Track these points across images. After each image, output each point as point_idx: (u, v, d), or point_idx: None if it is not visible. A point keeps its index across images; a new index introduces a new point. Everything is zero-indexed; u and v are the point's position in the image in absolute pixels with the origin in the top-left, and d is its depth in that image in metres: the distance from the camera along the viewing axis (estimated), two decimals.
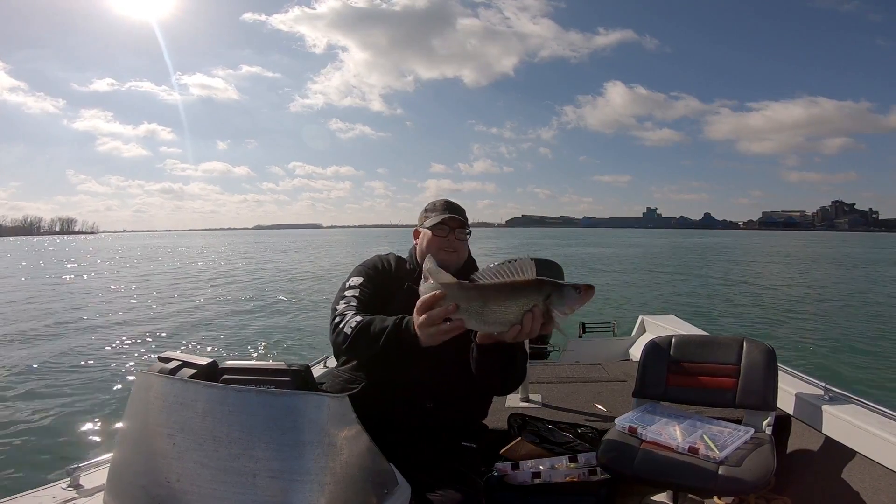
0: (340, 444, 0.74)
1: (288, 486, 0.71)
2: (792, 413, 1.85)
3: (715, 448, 1.47)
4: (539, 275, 0.93)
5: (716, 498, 1.74)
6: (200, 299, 12.30)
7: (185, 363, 0.96)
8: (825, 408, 1.71)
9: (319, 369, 2.15)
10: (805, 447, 1.74)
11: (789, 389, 1.87)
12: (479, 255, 1.50)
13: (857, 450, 1.56)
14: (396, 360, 1.17)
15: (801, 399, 1.83)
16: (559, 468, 1.57)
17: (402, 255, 1.47)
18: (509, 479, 1.56)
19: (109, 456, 1.09)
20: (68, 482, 1.24)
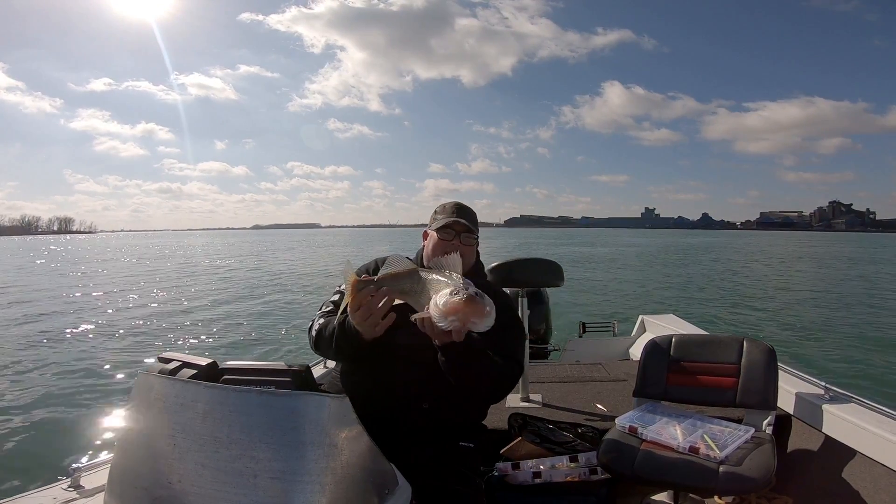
0: (341, 445, 0.74)
1: (289, 487, 0.70)
2: (792, 412, 1.85)
3: (715, 447, 1.47)
4: (539, 275, 0.93)
5: (716, 497, 1.74)
6: (200, 299, 12.29)
7: (185, 364, 0.96)
8: (825, 407, 1.71)
9: (320, 369, 2.15)
10: (805, 446, 1.74)
11: (790, 389, 1.87)
12: None
13: (857, 449, 1.56)
14: (378, 359, 1.22)
15: (801, 398, 1.83)
16: (560, 468, 1.57)
17: (410, 255, 1.46)
18: (510, 479, 1.56)
19: (110, 457, 1.09)
20: (69, 483, 1.24)
